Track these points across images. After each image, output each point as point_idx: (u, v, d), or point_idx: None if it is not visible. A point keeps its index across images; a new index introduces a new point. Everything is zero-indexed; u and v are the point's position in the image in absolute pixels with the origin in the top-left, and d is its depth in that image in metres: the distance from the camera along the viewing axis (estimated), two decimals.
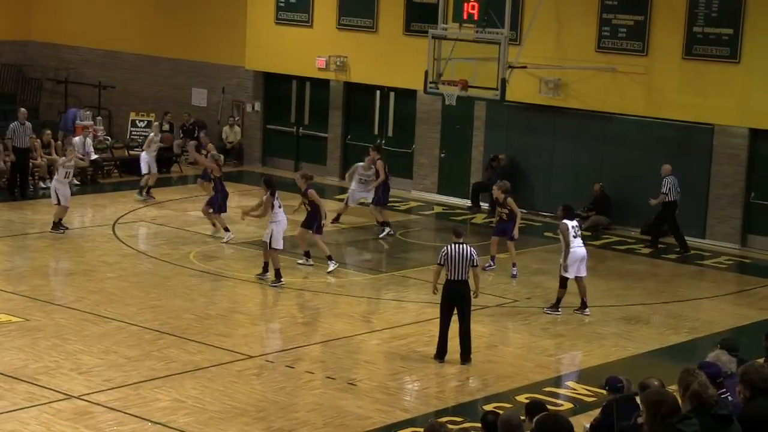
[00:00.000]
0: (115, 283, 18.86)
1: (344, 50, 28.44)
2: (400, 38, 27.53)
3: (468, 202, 26.64)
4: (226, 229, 21.93)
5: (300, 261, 20.39)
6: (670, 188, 23.12)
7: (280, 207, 19.27)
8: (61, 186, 22.25)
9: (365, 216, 23.86)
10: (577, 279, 18.11)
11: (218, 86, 30.84)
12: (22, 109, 26.22)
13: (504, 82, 22.67)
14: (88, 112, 30.16)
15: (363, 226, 23.70)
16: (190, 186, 27.14)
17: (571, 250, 17.87)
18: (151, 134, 26.76)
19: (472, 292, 15.54)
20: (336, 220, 23.70)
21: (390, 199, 24.21)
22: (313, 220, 20.11)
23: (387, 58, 27.74)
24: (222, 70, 30.64)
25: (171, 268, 20.04)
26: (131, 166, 28.74)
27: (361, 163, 23.79)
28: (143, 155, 26.18)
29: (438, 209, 26.51)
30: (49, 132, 27.44)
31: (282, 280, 19.03)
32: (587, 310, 18.27)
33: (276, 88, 30.28)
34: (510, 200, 20.37)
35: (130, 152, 29.30)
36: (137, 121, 30.79)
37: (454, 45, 23.49)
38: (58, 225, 22.15)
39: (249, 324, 17.31)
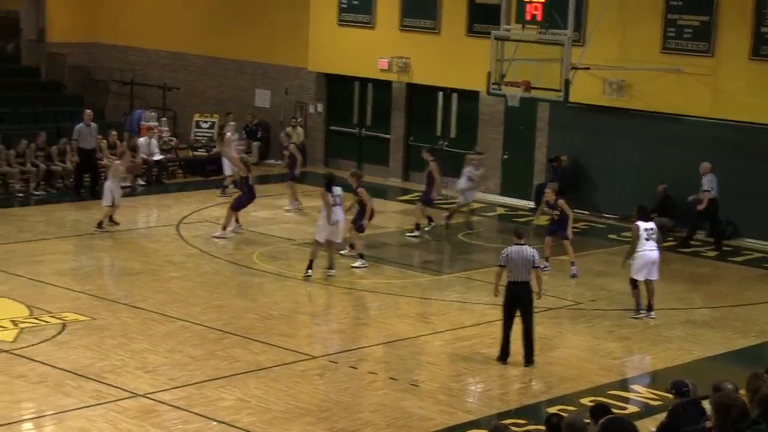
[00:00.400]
0: (180, 282, 19.01)
1: (406, 51, 28.44)
2: (462, 39, 27.48)
3: (531, 204, 26.52)
4: (224, 227, 22.07)
5: (355, 264, 20.35)
6: (711, 186, 22.98)
7: (337, 204, 19.47)
8: (116, 187, 22.54)
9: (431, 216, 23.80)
10: (647, 282, 17.95)
11: (281, 87, 30.98)
12: (88, 111, 26.55)
13: (567, 83, 22.52)
14: (153, 113, 30.45)
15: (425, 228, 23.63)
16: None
17: (641, 252, 17.72)
18: (228, 134, 26.97)
19: (534, 294, 15.46)
20: (467, 227, 23.63)
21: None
22: (359, 218, 20.30)
23: (449, 59, 27.69)
24: (285, 72, 30.78)
25: (234, 268, 20.16)
26: (195, 166, 28.99)
27: (474, 160, 23.96)
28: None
29: (500, 211, 26.42)
30: (114, 133, 27.79)
31: (310, 272, 19.26)
32: (652, 313, 18.09)
33: (338, 89, 30.35)
34: (562, 202, 20.30)
35: (194, 153, 29.54)
36: (201, 122, 31.03)
37: (516, 46, 23.36)
38: (103, 223, 22.40)
39: (311, 324, 17.35)
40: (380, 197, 26.81)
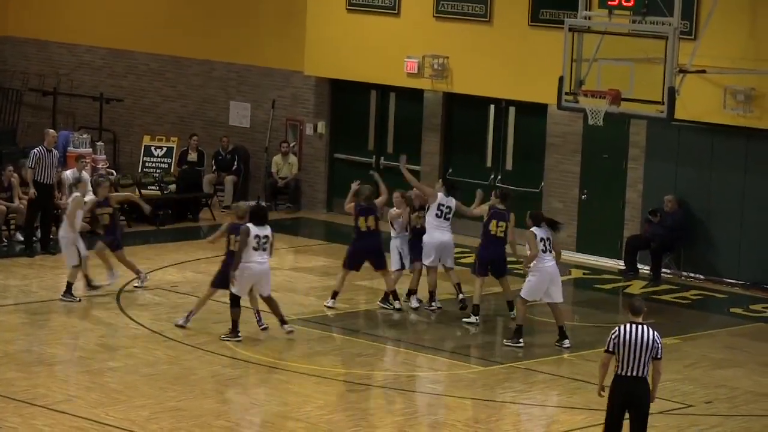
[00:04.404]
0: (120, 376, 18.96)
1: (444, 48, 28.49)
2: (524, 31, 27.53)
3: (620, 264, 26.42)
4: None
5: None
6: None
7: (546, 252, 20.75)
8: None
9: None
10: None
11: (266, 99, 31.05)
12: (51, 131, 26.18)
13: (673, 92, 22.54)
14: (84, 136, 30.51)
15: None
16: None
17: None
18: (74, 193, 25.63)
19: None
20: None
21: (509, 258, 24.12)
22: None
23: (505, 60, 27.72)
24: (272, 77, 30.85)
25: (198, 354, 20.11)
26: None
27: None
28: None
29: (577, 274, 26.32)
30: (12, 168, 27.31)
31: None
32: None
33: (348, 102, 30.41)
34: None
35: (143, 191, 29.56)
36: (153, 148, 31.06)
37: (601, 41, 23.44)
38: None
39: None
40: None
